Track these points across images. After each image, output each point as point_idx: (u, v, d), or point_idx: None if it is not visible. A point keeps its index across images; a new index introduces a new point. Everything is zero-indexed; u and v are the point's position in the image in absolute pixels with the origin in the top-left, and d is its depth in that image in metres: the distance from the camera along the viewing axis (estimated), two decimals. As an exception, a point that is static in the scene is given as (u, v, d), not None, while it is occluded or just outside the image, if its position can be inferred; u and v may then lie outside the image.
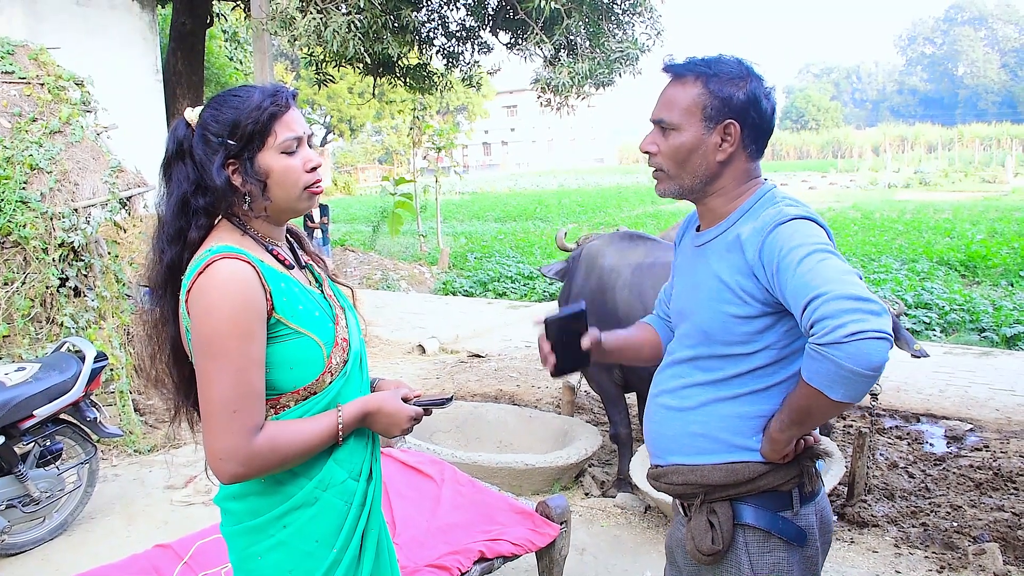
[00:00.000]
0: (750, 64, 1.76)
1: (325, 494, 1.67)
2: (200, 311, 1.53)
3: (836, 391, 1.46)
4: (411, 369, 7.76)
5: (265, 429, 1.57)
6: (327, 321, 1.68)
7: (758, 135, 1.75)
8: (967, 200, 25.26)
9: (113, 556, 3.49)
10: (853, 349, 1.40)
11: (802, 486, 1.75)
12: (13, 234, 5.20)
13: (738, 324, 1.69)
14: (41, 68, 6.19)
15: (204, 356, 1.53)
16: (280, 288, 1.60)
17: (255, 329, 1.54)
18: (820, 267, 1.50)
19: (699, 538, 1.76)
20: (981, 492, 4.61)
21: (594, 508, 4.49)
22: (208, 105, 1.66)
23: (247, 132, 1.60)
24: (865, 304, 1.42)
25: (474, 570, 2.90)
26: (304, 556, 1.65)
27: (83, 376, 4.15)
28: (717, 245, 1.76)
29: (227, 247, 1.57)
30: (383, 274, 13.65)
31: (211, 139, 1.61)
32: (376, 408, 1.71)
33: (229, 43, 16.73)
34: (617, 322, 4.45)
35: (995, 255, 12.72)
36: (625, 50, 7.93)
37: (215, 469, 1.57)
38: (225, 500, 1.71)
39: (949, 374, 7.05)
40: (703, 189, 1.78)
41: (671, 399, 1.83)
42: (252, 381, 1.54)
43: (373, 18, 7.37)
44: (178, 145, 1.65)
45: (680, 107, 1.73)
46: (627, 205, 27.65)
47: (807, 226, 1.61)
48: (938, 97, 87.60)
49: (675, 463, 1.82)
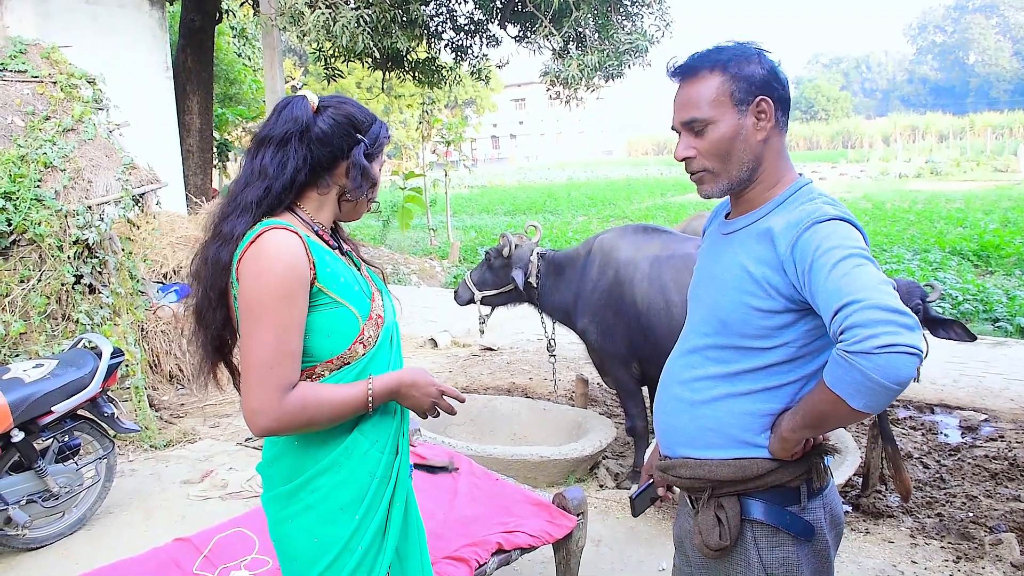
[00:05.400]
0: (754, 44, 1.75)
1: (349, 461, 1.78)
2: (249, 274, 1.66)
3: (858, 400, 1.45)
4: (424, 363, 7.78)
5: (298, 388, 1.68)
6: (364, 297, 1.81)
7: (784, 106, 1.73)
8: (979, 189, 25.12)
9: (132, 550, 3.52)
10: (882, 361, 1.38)
11: (810, 482, 1.74)
12: (28, 232, 5.23)
13: (759, 317, 1.66)
14: (53, 66, 6.21)
15: (249, 316, 1.66)
16: (324, 260, 1.74)
17: (298, 294, 1.67)
18: (856, 272, 1.47)
19: (706, 533, 1.75)
20: (997, 482, 4.60)
21: (609, 500, 4.49)
22: (339, 100, 1.85)
23: (383, 141, 1.88)
24: (900, 317, 1.40)
25: (492, 562, 2.91)
26: (329, 523, 1.76)
27: (100, 372, 4.18)
28: (746, 234, 1.73)
29: (276, 221, 1.72)
30: (394, 268, 13.66)
31: (347, 127, 1.80)
32: (411, 381, 1.82)
33: (238, 39, 16.75)
34: (636, 315, 4.45)
35: (1008, 244, 12.65)
36: (634, 42, 7.92)
37: (248, 422, 1.68)
38: (263, 467, 1.86)
39: (963, 364, 7.03)
40: (749, 178, 1.73)
41: (684, 390, 1.82)
42: (291, 341, 1.66)
43: (382, 13, 7.39)
44: (302, 126, 1.77)
45: (707, 100, 1.69)
46: (637, 197, 27.61)
47: (845, 228, 1.57)
48: (949, 86, 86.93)
49: (684, 456, 1.81)
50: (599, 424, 4.96)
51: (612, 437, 4.80)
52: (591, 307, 4.67)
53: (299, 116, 1.77)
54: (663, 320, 4.36)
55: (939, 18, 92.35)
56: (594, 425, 4.96)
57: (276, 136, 1.77)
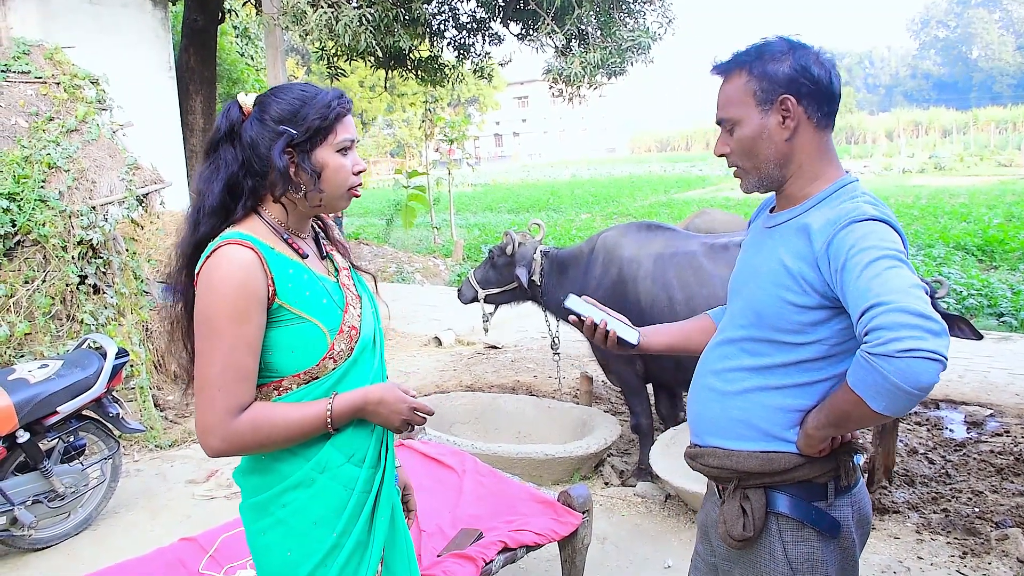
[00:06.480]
0: (795, 38, 1.75)
1: (322, 476, 1.71)
2: (201, 292, 1.62)
3: (879, 402, 1.45)
4: (428, 361, 7.79)
5: (249, 410, 1.62)
6: (335, 309, 1.73)
7: (819, 101, 1.71)
8: (983, 184, 25.02)
9: (137, 550, 3.52)
10: (904, 365, 1.38)
11: (838, 479, 1.74)
12: (33, 232, 5.24)
13: (793, 312, 1.67)
14: (57, 67, 6.22)
15: (200, 334, 1.62)
16: (287, 274, 1.67)
17: (251, 312, 1.60)
18: (888, 274, 1.47)
19: (731, 523, 1.77)
20: (1002, 477, 4.59)
21: (614, 497, 4.49)
22: (271, 93, 1.73)
23: (314, 125, 1.68)
24: (927, 323, 1.39)
25: (498, 560, 2.91)
26: (302, 537, 1.70)
27: (105, 372, 4.19)
28: (787, 229, 1.74)
29: (237, 234, 1.65)
30: (397, 267, 13.67)
31: (272, 124, 1.68)
32: (378, 398, 1.72)
33: (240, 39, 16.73)
34: (639, 312, 4.44)
35: (1012, 239, 12.60)
36: (637, 39, 7.91)
37: (200, 442, 1.63)
38: (237, 475, 1.80)
39: (968, 359, 7.00)
40: (780, 175, 1.76)
41: (716, 380, 1.83)
42: (241, 362, 1.60)
43: (384, 11, 7.38)
44: (230, 126, 1.71)
45: (734, 101, 1.74)
46: (640, 195, 27.56)
47: (883, 229, 1.57)
48: (952, 81, 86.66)
49: (713, 445, 1.82)
50: (604, 422, 4.96)
51: (617, 435, 4.80)
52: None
53: (223, 123, 1.71)
54: (666, 317, 4.35)
55: (942, 13, 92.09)
56: (599, 423, 4.96)
57: (209, 145, 1.73)
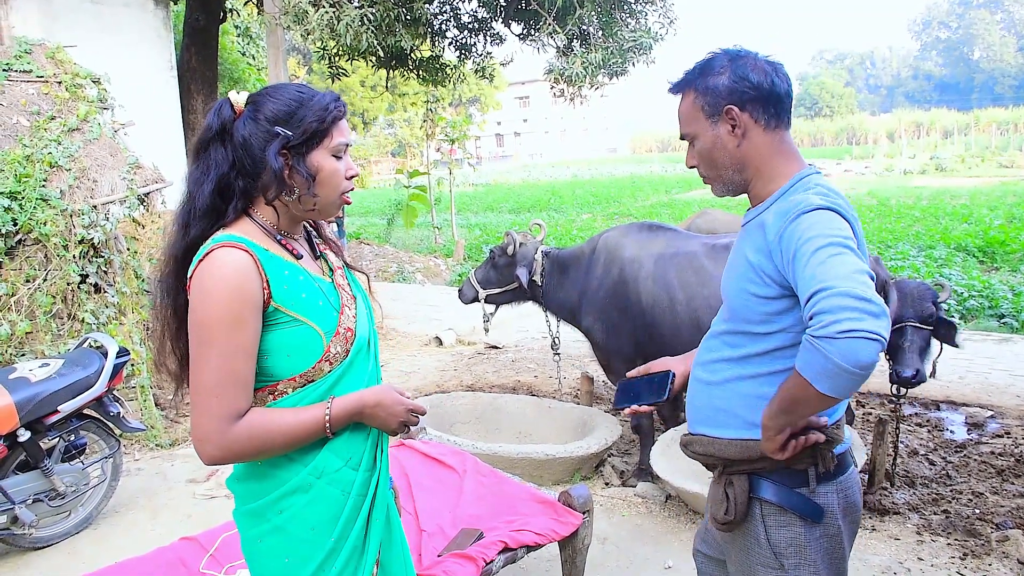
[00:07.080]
0: (734, 49, 1.85)
1: (319, 481, 1.68)
2: (195, 297, 1.58)
3: (823, 384, 1.49)
4: (429, 361, 7.79)
5: (246, 417, 1.59)
6: (330, 310, 1.71)
7: (764, 104, 1.80)
8: (984, 185, 25.03)
9: (138, 549, 3.53)
10: (844, 346, 1.43)
11: (816, 466, 1.78)
12: (34, 231, 5.24)
13: (758, 303, 1.75)
14: (58, 66, 6.22)
15: (194, 341, 1.58)
16: (282, 276, 1.64)
17: (246, 317, 1.57)
18: (832, 261, 1.53)
19: (715, 507, 1.87)
20: (1003, 479, 4.59)
21: (615, 498, 4.49)
22: (265, 93, 1.69)
23: (311, 128, 1.65)
24: (866, 304, 1.45)
25: (498, 560, 2.91)
26: (300, 543, 1.68)
27: (106, 371, 4.19)
28: (752, 226, 1.83)
29: (230, 236, 1.61)
30: (398, 267, 13.68)
31: (266, 124, 1.64)
32: (376, 401, 1.72)
33: (242, 39, 16.73)
34: (641, 312, 4.45)
35: (1014, 240, 12.60)
36: (638, 39, 7.90)
37: (196, 449, 1.60)
38: (231, 482, 1.76)
39: (969, 360, 7.01)
40: (742, 179, 1.86)
41: (703, 372, 1.92)
42: (237, 368, 1.57)
43: (386, 11, 7.38)
44: (221, 125, 1.67)
45: (688, 118, 1.87)
46: (641, 195, 27.56)
47: (830, 218, 1.62)
48: (954, 82, 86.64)
49: (700, 433, 1.91)
50: (604, 422, 4.96)
51: (618, 435, 4.80)
52: (596, 305, 4.67)
53: (215, 122, 1.67)
54: (668, 318, 4.36)
55: (943, 14, 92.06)
56: (599, 423, 4.96)
57: (199, 144, 1.69)
